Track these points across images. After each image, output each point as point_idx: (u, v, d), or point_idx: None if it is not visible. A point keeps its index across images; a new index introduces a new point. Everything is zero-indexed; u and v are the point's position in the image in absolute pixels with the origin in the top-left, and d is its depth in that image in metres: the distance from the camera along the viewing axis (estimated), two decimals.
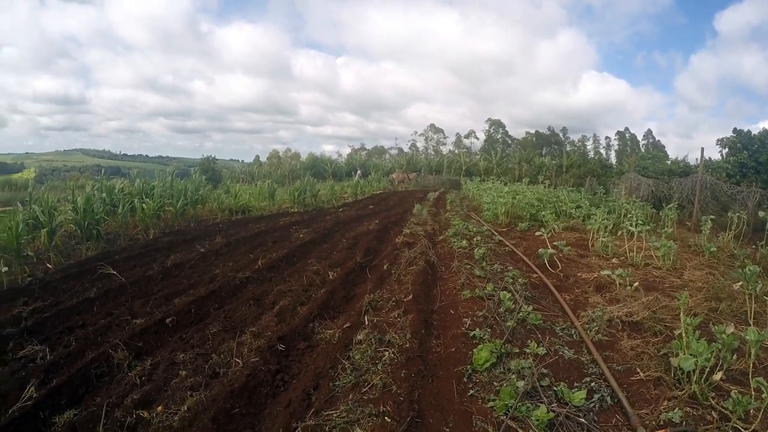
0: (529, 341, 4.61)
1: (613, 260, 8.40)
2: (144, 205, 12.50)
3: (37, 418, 3.71)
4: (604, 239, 9.32)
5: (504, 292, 5.87)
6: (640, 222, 9.15)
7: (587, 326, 5.14)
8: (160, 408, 3.78)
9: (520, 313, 5.24)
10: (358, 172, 46.47)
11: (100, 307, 6.29)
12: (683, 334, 3.99)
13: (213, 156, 55.95)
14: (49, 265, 8.69)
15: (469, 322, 5.15)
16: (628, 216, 10.70)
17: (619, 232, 9.43)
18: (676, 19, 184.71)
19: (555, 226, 11.47)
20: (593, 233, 9.92)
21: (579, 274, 7.43)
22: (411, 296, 5.80)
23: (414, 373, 3.97)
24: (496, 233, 11.38)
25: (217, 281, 7.24)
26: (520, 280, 6.82)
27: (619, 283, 6.48)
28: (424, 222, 13.20)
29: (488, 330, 4.86)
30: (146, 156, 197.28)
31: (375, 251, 9.51)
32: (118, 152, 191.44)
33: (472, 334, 4.78)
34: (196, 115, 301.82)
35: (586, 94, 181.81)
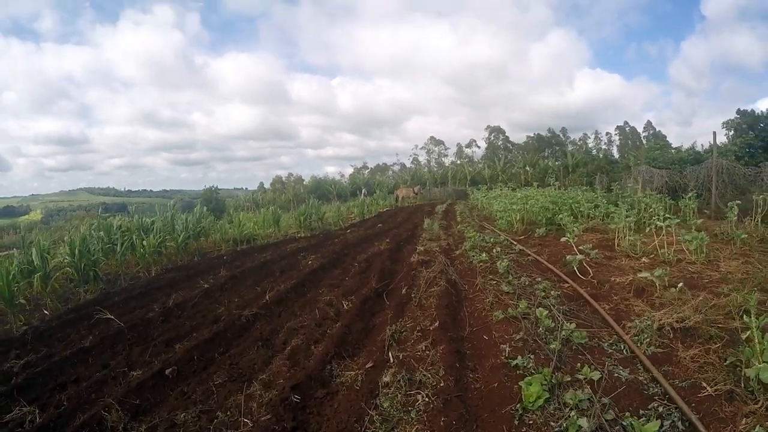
0: (578, 365, 4.05)
1: (644, 259, 8.01)
2: (144, 242, 11.99)
3: None
4: (630, 238, 8.88)
5: (540, 309, 5.25)
6: (667, 216, 8.60)
7: (637, 338, 4.63)
8: None
9: (563, 332, 4.62)
10: (363, 190, 45.97)
11: (95, 358, 5.73)
12: (754, 340, 3.56)
13: (215, 186, 56.06)
14: (46, 312, 8.19)
15: (507, 348, 4.52)
16: (650, 210, 10.21)
17: (647, 229, 8.88)
18: (663, 6, 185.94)
19: (574, 229, 10.92)
20: (617, 232, 9.41)
21: (612, 279, 6.90)
22: (437, 323, 5.21)
23: (454, 419, 3.36)
24: (514, 242, 10.85)
25: (222, 321, 6.64)
26: (552, 292, 6.26)
27: (659, 285, 5.95)
28: (437, 237, 12.68)
29: (531, 357, 4.25)
30: (150, 191, 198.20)
31: (390, 273, 8.91)
32: (122, 189, 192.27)
33: (514, 363, 4.18)
34: (198, 147, 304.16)
35: (581, 92, 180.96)
